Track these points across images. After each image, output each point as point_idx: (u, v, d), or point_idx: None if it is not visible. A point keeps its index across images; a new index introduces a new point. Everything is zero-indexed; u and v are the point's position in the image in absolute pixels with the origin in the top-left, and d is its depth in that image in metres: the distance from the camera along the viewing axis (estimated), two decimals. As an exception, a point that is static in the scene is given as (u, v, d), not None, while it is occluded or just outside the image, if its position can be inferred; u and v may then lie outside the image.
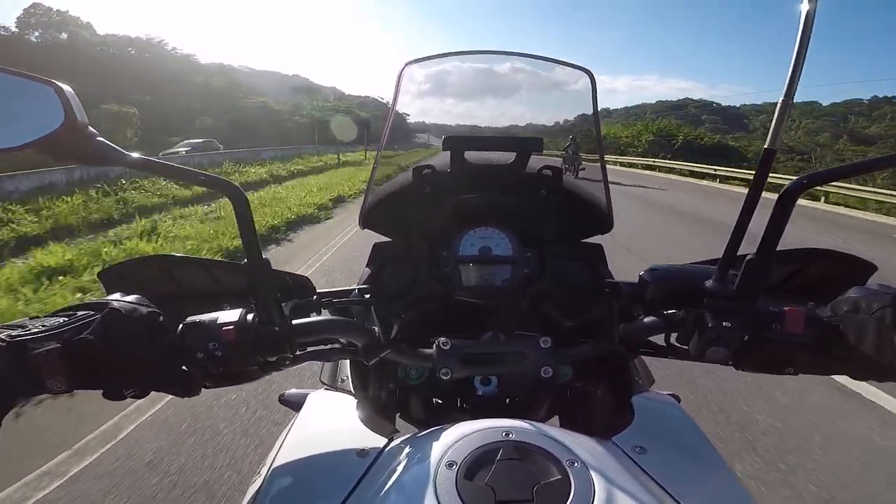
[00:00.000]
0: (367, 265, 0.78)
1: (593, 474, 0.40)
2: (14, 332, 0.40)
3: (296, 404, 0.84)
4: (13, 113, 0.40)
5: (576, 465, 0.41)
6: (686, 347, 0.54)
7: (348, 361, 0.73)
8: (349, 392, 0.67)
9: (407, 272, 0.76)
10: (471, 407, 0.70)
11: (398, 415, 0.78)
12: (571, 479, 0.40)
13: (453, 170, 0.76)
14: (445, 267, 0.77)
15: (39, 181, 8.12)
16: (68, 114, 0.40)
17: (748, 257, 0.48)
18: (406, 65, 0.76)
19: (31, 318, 0.45)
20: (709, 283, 0.52)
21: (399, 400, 0.77)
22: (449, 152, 0.73)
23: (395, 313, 0.73)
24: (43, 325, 0.42)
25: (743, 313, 0.49)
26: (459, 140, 0.73)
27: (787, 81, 0.43)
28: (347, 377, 0.71)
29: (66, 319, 0.43)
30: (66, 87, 0.41)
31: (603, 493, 0.39)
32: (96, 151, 0.43)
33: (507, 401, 0.70)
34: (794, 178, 0.46)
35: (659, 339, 0.61)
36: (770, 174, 0.46)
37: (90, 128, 0.42)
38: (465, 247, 0.77)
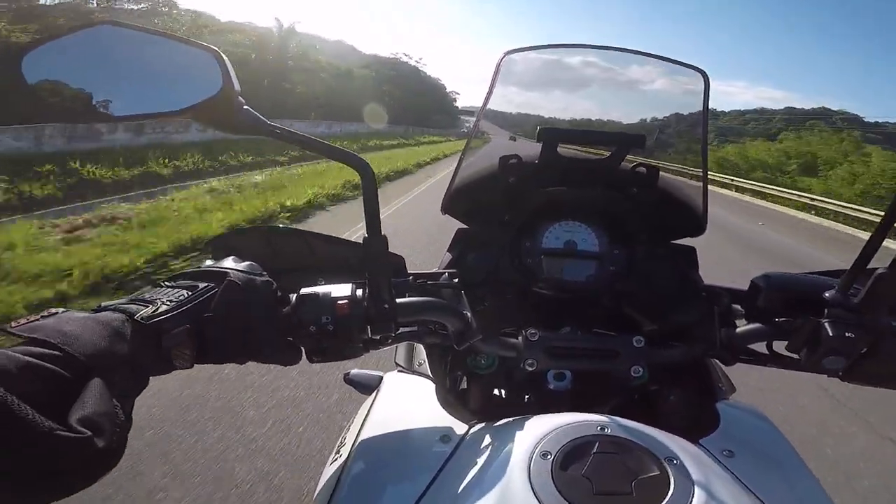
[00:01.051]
0: (449, 250, 0.79)
1: (692, 473, 0.40)
2: (145, 313, 0.40)
3: (361, 385, 0.86)
4: (176, 78, 0.43)
5: (675, 462, 0.41)
6: (793, 356, 0.54)
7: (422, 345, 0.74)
8: (427, 376, 0.67)
9: (488, 260, 0.77)
10: (539, 400, 0.69)
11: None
12: (671, 476, 0.40)
13: (542, 162, 0.75)
14: (528, 258, 0.76)
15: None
16: (225, 81, 0.43)
17: (878, 271, 0.48)
18: (505, 54, 0.75)
19: (154, 288, 0.46)
20: (830, 293, 0.52)
21: (460, 388, 0.77)
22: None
23: (473, 300, 0.74)
24: (169, 301, 0.42)
25: (866, 326, 0.49)
26: (555, 132, 0.72)
27: None
28: (424, 361, 0.72)
29: (189, 293, 0.44)
30: (223, 55, 0.43)
31: (702, 492, 0.39)
32: (245, 120, 0.45)
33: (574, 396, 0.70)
34: None
35: (757, 347, 0.60)
36: None
37: (240, 97, 0.44)
38: (550, 239, 0.77)
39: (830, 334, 0.48)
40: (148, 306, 0.41)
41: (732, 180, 18.39)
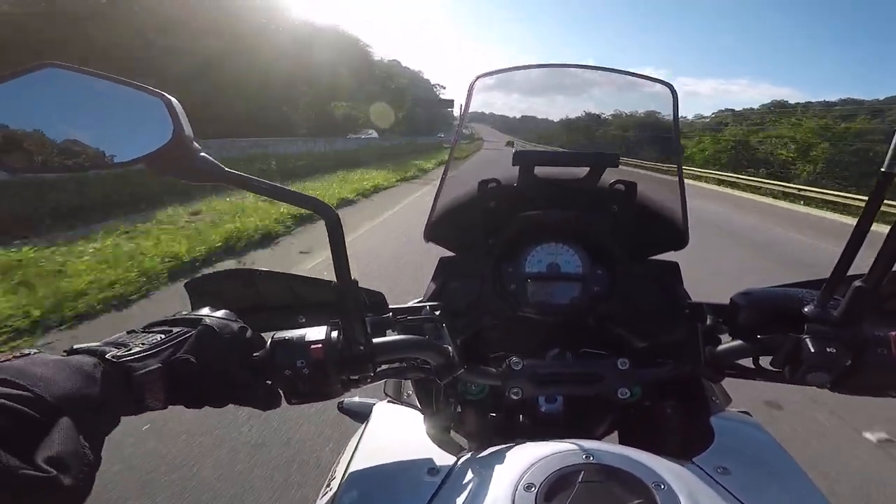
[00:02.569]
0: (433, 280, 0.77)
1: (680, 497, 0.40)
2: (119, 353, 0.40)
3: (355, 413, 0.85)
4: (126, 125, 0.41)
5: (662, 487, 0.40)
6: (778, 370, 0.53)
7: None
8: (415, 406, 0.67)
9: (471, 288, 0.75)
10: (532, 424, 0.69)
11: (451, 427, 0.77)
12: (658, 501, 0.39)
13: (521, 184, 0.74)
14: (511, 283, 0.75)
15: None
16: (177, 128, 0.40)
17: (856, 284, 0.47)
18: (477, 77, 0.75)
19: (128, 333, 0.45)
20: (809, 307, 0.51)
21: (454, 414, 0.76)
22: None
23: (459, 329, 0.73)
24: (143, 343, 0.42)
25: (847, 340, 0.48)
26: (530, 155, 0.72)
27: None
28: (412, 391, 0.71)
29: (163, 337, 0.44)
30: (174, 100, 0.41)
31: None
32: (199, 167, 0.43)
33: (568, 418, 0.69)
34: None
35: (744, 361, 0.59)
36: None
37: (195, 143, 0.42)
38: (532, 263, 0.76)
39: (811, 350, 0.47)
40: (120, 348, 0.41)
41: None
